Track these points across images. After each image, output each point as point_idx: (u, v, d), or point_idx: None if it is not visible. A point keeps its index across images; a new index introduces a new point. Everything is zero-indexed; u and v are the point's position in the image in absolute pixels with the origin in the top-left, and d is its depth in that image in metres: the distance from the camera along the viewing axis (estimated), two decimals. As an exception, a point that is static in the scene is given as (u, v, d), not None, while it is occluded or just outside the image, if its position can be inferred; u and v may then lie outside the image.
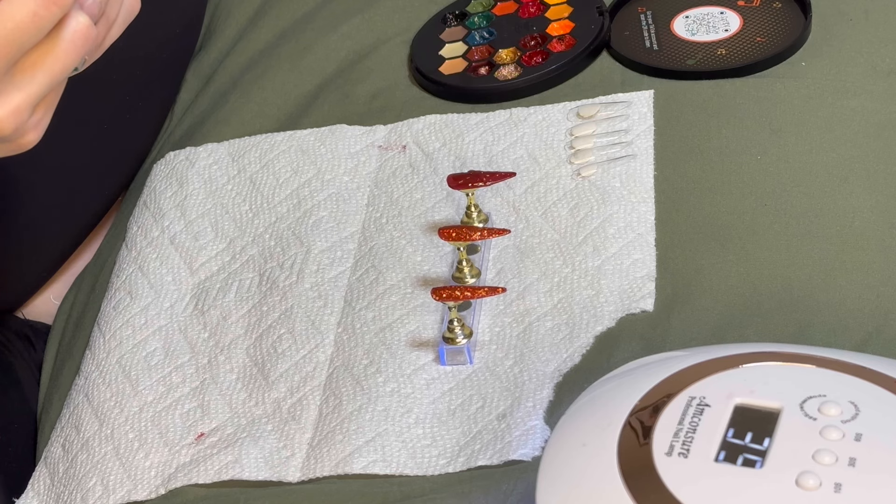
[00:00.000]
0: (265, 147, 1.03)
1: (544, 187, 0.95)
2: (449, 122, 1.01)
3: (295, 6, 1.15)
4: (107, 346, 0.94)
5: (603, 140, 0.96)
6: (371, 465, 0.81)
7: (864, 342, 0.82)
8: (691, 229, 0.89)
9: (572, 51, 1.03)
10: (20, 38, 0.64)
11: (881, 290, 0.84)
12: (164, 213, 1.01)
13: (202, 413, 0.88)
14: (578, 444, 0.67)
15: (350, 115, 1.05)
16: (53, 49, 0.66)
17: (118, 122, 1.07)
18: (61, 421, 0.91)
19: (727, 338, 0.83)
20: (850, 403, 0.65)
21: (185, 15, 1.18)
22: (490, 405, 0.83)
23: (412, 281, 0.91)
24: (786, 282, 0.85)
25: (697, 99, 0.97)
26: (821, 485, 0.61)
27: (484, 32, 1.08)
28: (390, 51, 1.09)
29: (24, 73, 0.66)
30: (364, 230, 0.95)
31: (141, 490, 0.84)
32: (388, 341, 0.88)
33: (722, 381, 0.68)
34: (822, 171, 0.91)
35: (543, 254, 0.90)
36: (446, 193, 0.96)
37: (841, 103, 0.95)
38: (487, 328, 0.87)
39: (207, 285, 0.95)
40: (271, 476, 0.83)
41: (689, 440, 0.64)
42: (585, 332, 0.85)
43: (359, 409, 0.84)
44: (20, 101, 0.66)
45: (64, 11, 0.65)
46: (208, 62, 1.15)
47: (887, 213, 0.88)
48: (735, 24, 1.03)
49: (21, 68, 0.66)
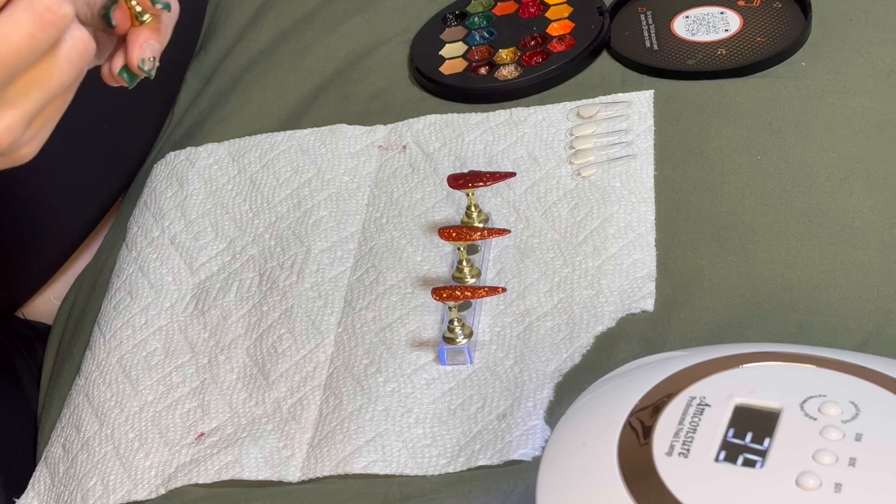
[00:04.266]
0: (265, 147, 1.03)
1: (544, 187, 0.95)
2: (449, 122, 1.01)
3: (295, 6, 1.15)
4: (107, 346, 0.94)
5: (603, 140, 0.97)
6: (371, 465, 0.81)
7: (864, 342, 0.82)
8: (691, 229, 0.89)
9: (572, 51, 1.03)
10: (15, 60, 0.63)
11: (881, 290, 0.84)
12: (165, 213, 1.01)
13: (202, 413, 0.88)
14: (578, 444, 0.67)
15: (350, 115, 1.05)
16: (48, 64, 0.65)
17: (118, 122, 1.07)
18: (61, 421, 0.91)
19: (727, 338, 0.83)
20: (851, 403, 0.65)
21: (185, 15, 1.17)
22: (490, 405, 0.83)
23: (412, 281, 0.91)
24: (786, 282, 0.85)
25: (697, 99, 0.97)
26: (821, 485, 0.61)
27: (484, 32, 1.08)
28: (390, 51, 1.09)
29: (19, 90, 0.65)
30: (364, 230, 0.96)
31: (141, 490, 0.84)
32: (389, 341, 0.88)
33: (722, 381, 0.68)
34: (822, 171, 0.91)
35: (543, 254, 0.90)
36: (446, 193, 0.96)
37: (841, 103, 0.95)
38: (487, 328, 0.87)
39: (207, 285, 0.95)
40: (271, 476, 0.83)
41: (690, 440, 0.64)
42: (585, 332, 0.85)
43: (359, 408, 0.84)
44: (14, 118, 0.65)
45: (61, 33, 0.64)
46: (208, 62, 1.15)
47: (887, 213, 0.88)
48: (735, 24, 1.03)
49: (16, 86, 0.65)
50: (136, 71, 0.70)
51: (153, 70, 0.70)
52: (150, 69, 0.70)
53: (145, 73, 0.70)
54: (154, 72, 0.70)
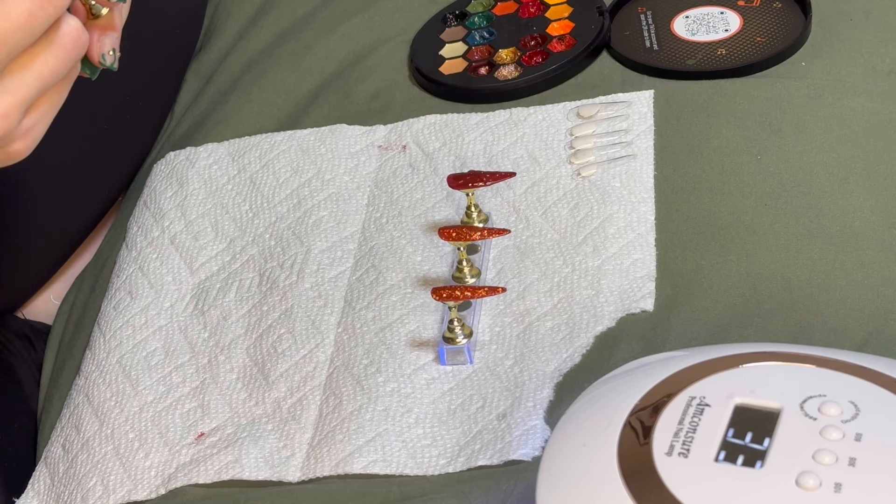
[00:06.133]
0: (265, 147, 1.03)
1: (544, 187, 0.95)
2: (449, 122, 1.01)
3: (295, 6, 1.15)
4: (107, 345, 0.94)
5: (603, 140, 0.97)
6: (371, 465, 0.81)
7: (864, 342, 0.82)
8: (691, 229, 0.89)
9: (572, 51, 1.03)
10: (14, 38, 0.63)
11: (881, 290, 0.84)
12: (165, 213, 1.01)
13: (202, 413, 0.88)
14: (578, 444, 0.67)
15: (350, 115, 1.05)
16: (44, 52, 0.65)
17: (118, 122, 1.07)
18: (61, 421, 0.91)
19: (727, 338, 0.83)
20: (850, 403, 0.65)
21: (185, 15, 1.18)
22: (490, 405, 0.83)
23: (412, 281, 0.91)
24: (786, 282, 0.85)
25: (697, 99, 0.97)
26: (821, 485, 0.61)
27: (484, 32, 1.08)
28: (390, 51, 1.09)
29: (13, 76, 0.64)
30: (364, 230, 0.96)
31: (141, 490, 0.84)
32: (389, 341, 0.88)
33: (722, 381, 0.68)
34: (822, 171, 0.91)
35: (543, 254, 0.90)
36: (446, 193, 0.96)
37: (841, 103, 0.95)
38: (487, 328, 0.87)
39: (207, 285, 0.95)
40: (271, 476, 0.83)
41: (690, 440, 0.64)
42: (585, 332, 0.85)
43: (359, 408, 0.84)
44: (8, 104, 0.65)
45: (60, 12, 0.64)
46: (208, 62, 1.15)
47: (887, 213, 0.88)
48: (735, 24, 1.03)
49: (10, 71, 0.64)
50: (96, 64, 0.70)
51: (115, 62, 0.70)
52: (112, 62, 0.69)
53: (106, 66, 0.69)
54: (116, 63, 0.70)
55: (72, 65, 0.67)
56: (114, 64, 0.70)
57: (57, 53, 0.65)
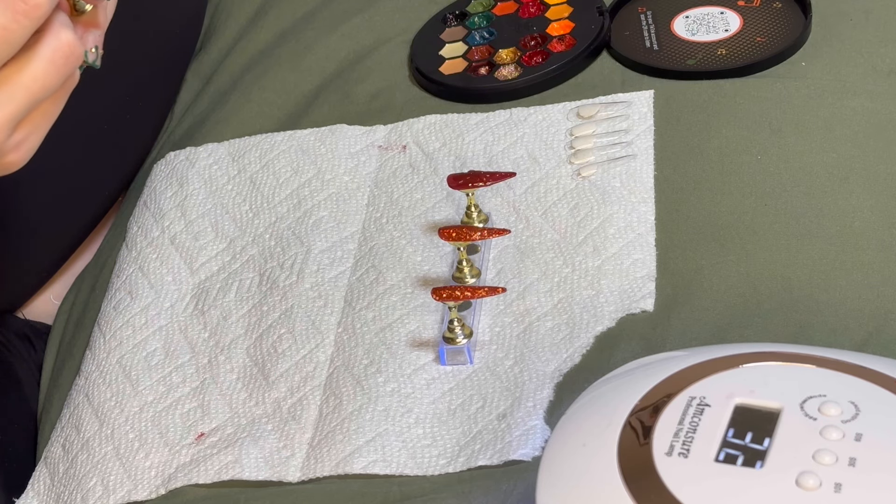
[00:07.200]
0: (265, 147, 1.03)
1: (544, 187, 0.95)
2: (449, 122, 1.01)
3: (295, 6, 1.15)
4: (107, 346, 0.94)
5: (603, 140, 0.97)
6: (371, 465, 0.81)
7: (864, 342, 0.82)
8: (691, 229, 0.89)
9: (572, 51, 1.03)
10: None
11: (881, 290, 0.84)
12: (165, 213, 1.01)
13: (202, 413, 0.88)
14: (578, 444, 0.67)
15: (350, 115, 1.05)
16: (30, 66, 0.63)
17: (118, 122, 1.07)
18: (61, 421, 0.91)
19: (727, 338, 0.83)
20: (850, 403, 0.65)
21: (185, 15, 1.18)
22: (490, 405, 0.83)
23: (412, 281, 0.91)
24: (786, 282, 0.85)
25: (697, 99, 0.97)
26: (821, 485, 0.61)
27: (484, 32, 1.08)
28: (390, 51, 1.09)
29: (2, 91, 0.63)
30: (364, 230, 0.96)
31: (141, 490, 0.84)
32: (389, 341, 0.88)
33: (722, 381, 0.68)
34: (822, 171, 0.91)
35: (543, 254, 0.90)
36: (446, 193, 0.96)
37: (841, 103, 0.95)
38: (487, 328, 0.87)
39: (207, 285, 0.95)
40: (271, 476, 0.83)
41: (690, 440, 0.64)
42: (585, 332, 0.85)
43: (359, 408, 0.84)
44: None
45: (37, 24, 0.62)
46: (208, 62, 1.15)
47: (887, 213, 0.88)
48: (735, 24, 1.03)
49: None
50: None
51: (98, 60, 0.68)
52: (95, 59, 0.68)
53: (89, 64, 0.68)
54: (99, 61, 0.68)
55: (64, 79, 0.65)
56: (96, 61, 0.68)
57: (47, 69, 0.64)
